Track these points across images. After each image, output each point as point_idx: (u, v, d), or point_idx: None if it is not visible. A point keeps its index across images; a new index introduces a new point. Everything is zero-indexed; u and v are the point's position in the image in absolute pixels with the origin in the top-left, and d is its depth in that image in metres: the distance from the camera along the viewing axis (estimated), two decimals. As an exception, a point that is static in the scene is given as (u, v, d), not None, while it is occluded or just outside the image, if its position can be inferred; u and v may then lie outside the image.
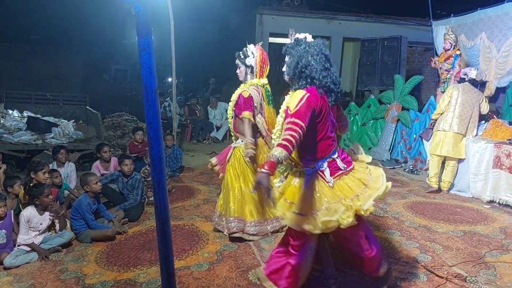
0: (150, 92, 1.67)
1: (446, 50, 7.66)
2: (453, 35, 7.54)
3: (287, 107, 2.72)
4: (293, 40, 2.95)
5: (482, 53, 7.67)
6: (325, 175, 2.83)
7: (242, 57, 4.21)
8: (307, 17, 15.23)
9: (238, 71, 4.31)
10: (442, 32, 8.35)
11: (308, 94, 2.67)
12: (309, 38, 2.92)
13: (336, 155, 2.90)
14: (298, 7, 16.18)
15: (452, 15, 8.57)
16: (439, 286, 3.36)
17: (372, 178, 2.89)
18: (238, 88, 4.34)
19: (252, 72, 4.23)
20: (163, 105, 11.51)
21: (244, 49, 4.23)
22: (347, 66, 17.33)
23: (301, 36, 2.92)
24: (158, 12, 8.20)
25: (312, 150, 2.83)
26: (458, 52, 7.54)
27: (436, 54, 8.62)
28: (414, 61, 12.04)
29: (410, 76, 9.24)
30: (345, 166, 2.90)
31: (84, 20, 15.55)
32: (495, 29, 7.38)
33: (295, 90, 2.80)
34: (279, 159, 2.49)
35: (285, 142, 2.51)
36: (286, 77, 2.94)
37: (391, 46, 10.19)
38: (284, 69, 2.94)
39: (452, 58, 7.52)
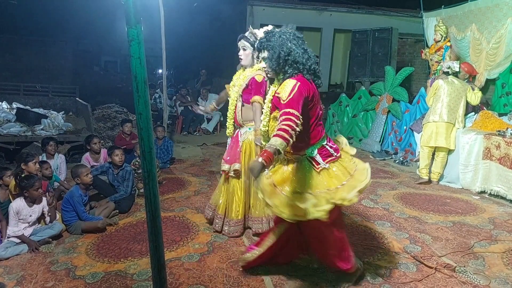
0: (140, 82, 1.65)
1: (436, 42, 7.70)
2: (444, 26, 7.57)
3: (278, 97, 2.68)
4: (255, 35, 2.91)
5: (472, 44, 7.70)
6: (316, 161, 2.82)
7: (252, 40, 3.86)
8: (298, 8, 15.18)
9: (242, 53, 3.97)
10: (432, 24, 8.38)
11: (299, 83, 2.63)
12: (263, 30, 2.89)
13: (325, 141, 2.91)
14: (289, -2, 16.11)
15: (442, 6, 8.58)
16: (428, 276, 3.39)
17: (358, 169, 2.88)
18: (241, 71, 4.11)
19: (258, 57, 3.74)
20: (153, 96, 11.46)
21: (249, 32, 3.93)
22: (338, 57, 17.32)
23: (268, 28, 2.87)
24: (148, 3, 8.14)
25: (304, 137, 2.78)
26: (448, 44, 7.58)
27: (427, 46, 8.65)
28: (404, 53, 12.05)
29: (400, 68, 9.27)
30: (335, 151, 2.90)
31: (73, 11, 15.37)
32: (485, 21, 7.40)
33: (283, 80, 2.75)
34: (277, 149, 2.44)
35: (282, 132, 2.47)
36: (270, 72, 2.86)
37: (382, 37, 10.21)
38: (264, 64, 2.87)
39: (443, 50, 7.57)
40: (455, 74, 6.32)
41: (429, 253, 3.83)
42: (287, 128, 2.48)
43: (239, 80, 4.05)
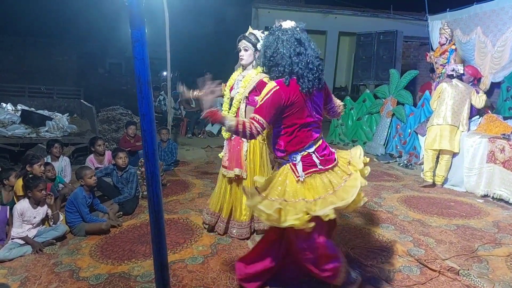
0: (143, 83, 1.66)
1: (441, 45, 7.69)
2: (449, 29, 7.56)
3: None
4: (255, 35, 2.94)
5: (477, 48, 7.69)
6: (296, 169, 2.69)
7: (254, 40, 3.82)
8: (303, 11, 15.24)
9: (244, 54, 3.87)
10: (437, 27, 8.37)
11: (277, 88, 2.57)
12: (288, 24, 2.74)
13: (313, 149, 2.73)
14: (294, 1, 16.20)
15: (448, 9, 8.58)
16: (432, 279, 3.37)
17: (344, 186, 2.68)
18: (240, 71, 4.03)
19: (259, 58, 3.63)
20: (158, 99, 11.47)
21: (250, 32, 3.88)
22: (342, 60, 17.36)
23: (283, 23, 2.75)
24: (153, 6, 8.17)
25: (284, 142, 2.71)
26: (453, 47, 7.56)
27: (432, 49, 8.64)
28: (409, 56, 12.05)
29: (405, 71, 9.25)
30: (321, 163, 2.72)
31: (78, 13, 15.45)
32: (490, 24, 7.39)
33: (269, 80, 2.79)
34: (225, 122, 2.59)
35: (241, 122, 2.57)
36: (263, 68, 2.89)
37: (387, 40, 10.20)
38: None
39: (448, 53, 7.55)
40: (460, 77, 6.31)
41: (432, 256, 3.81)
42: (247, 125, 2.55)
43: (245, 82, 3.92)
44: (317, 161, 2.71)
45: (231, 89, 4.08)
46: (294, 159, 2.70)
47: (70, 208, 4.37)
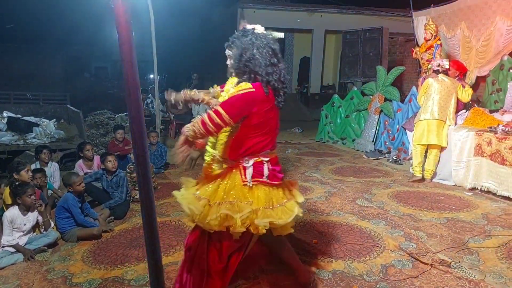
0: (132, 86, 1.65)
1: (427, 41, 7.75)
2: (434, 25, 7.62)
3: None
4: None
5: (462, 43, 7.77)
6: (246, 173, 2.58)
7: None
8: (288, 10, 15.27)
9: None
10: (422, 23, 8.44)
11: (252, 90, 2.47)
12: (259, 29, 2.66)
13: (267, 159, 2.65)
14: (279, 0, 16.22)
15: (432, 5, 8.66)
16: (424, 272, 3.40)
17: (283, 207, 2.63)
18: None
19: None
20: (145, 102, 11.41)
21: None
22: (329, 58, 17.42)
23: (249, 26, 2.67)
24: (137, 7, 8.12)
25: (242, 144, 2.60)
26: (438, 42, 7.63)
27: (417, 45, 8.71)
28: (395, 52, 12.13)
29: (392, 67, 9.32)
30: (269, 176, 2.62)
31: (61, 17, 15.32)
32: (474, 18, 7.47)
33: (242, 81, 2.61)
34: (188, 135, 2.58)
35: (200, 121, 2.52)
36: (232, 71, 2.72)
37: (373, 37, 10.28)
38: (228, 62, 2.75)
39: (433, 48, 7.61)
40: (445, 72, 6.37)
41: (424, 249, 3.85)
42: (205, 121, 2.50)
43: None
44: (266, 173, 2.61)
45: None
46: (246, 162, 2.60)
47: (60, 213, 4.33)
